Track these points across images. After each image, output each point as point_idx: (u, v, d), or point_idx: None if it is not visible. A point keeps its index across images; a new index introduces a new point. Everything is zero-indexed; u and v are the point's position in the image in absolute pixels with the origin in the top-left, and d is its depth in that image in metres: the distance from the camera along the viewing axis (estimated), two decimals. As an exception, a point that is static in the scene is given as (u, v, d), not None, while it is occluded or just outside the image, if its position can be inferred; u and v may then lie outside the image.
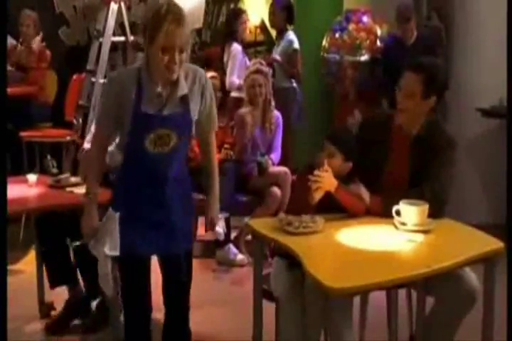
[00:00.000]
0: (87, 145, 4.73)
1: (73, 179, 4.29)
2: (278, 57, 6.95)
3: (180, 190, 3.15)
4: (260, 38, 8.42)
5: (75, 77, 6.84)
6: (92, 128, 4.82)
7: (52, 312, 4.43)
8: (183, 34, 2.90)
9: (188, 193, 3.24)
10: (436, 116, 3.68)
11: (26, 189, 4.18)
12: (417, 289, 3.43)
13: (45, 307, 4.46)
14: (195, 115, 3.08)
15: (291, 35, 6.98)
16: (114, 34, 6.96)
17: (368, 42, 6.91)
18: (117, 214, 3.11)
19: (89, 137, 4.81)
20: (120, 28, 7.17)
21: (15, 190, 3.96)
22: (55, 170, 4.40)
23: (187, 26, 2.92)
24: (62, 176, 4.35)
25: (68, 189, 4.17)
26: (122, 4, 7.04)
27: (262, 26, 8.33)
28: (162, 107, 3.00)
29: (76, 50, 7.32)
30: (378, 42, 6.92)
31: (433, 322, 3.28)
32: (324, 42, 7.17)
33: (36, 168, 5.90)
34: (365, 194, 3.32)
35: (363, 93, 6.93)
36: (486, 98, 6.13)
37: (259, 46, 8.35)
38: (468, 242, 3.07)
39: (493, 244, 2.97)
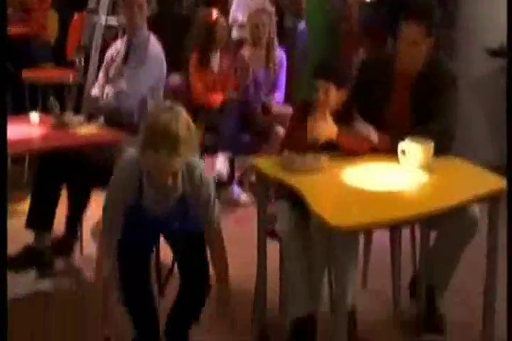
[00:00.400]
0: (94, 90, 4.70)
1: (76, 119, 4.26)
2: None
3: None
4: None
5: (76, 16, 6.75)
6: (100, 75, 4.79)
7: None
8: (174, 163, 2.78)
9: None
10: (439, 53, 3.64)
11: (29, 129, 4.14)
12: (420, 226, 3.44)
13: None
14: (193, 211, 3.01)
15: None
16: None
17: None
18: None
19: (96, 84, 4.76)
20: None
21: (17, 130, 3.92)
22: (58, 111, 4.36)
23: (182, 152, 2.75)
24: (65, 116, 4.31)
25: (71, 129, 4.14)
26: None
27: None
28: (160, 207, 2.98)
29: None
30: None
31: (435, 256, 3.32)
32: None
33: (38, 108, 5.87)
34: (373, 133, 3.29)
35: (369, 29, 6.82)
36: (495, 36, 6.04)
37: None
38: (472, 181, 3.06)
39: (498, 182, 2.96)
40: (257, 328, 3.44)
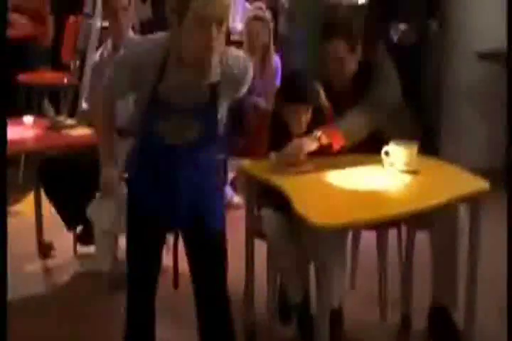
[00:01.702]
0: (85, 105, 4.60)
1: (69, 121, 4.33)
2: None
3: (204, 173, 2.76)
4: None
5: (71, 19, 6.81)
6: (87, 86, 4.68)
7: (51, 252, 4.53)
8: (223, 1, 2.46)
9: (212, 178, 2.83)
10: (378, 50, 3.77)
11: (23, 131, 4.20)
12: (407, 228, 3.49)
13: (43, 248, 4.56)
14: (223, 110, 2.69)
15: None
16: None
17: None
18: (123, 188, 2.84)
19: (86, 95, 4.66)
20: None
21: (11, 132, 3.95)
22: (52, 114, 4.42)
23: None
24: (59, 118, 4.38)
25: (64, 131, 4.20)
26: None
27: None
28: (184, 94, 2.59)
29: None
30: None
31: (435, 267, 3.33)
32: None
33: (34, 111, 5.94)
34: (305, 142, 3.29)
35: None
36: (486, 40, 6.08)
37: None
38: (456, 181, 3.12)
39: (480, 183, 3.01)
40: (246, 328, 3.49)
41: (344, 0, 6.82)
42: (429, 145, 6.21)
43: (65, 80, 6.46)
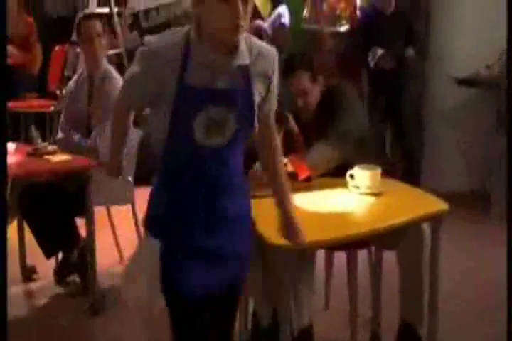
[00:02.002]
0: (60, 134, 4.62)
1: (50, 147, 4.39)
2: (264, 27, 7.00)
3: (239, 203, 2.55)
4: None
5: (57, 48, 6.93)
6: (62, 119, 4.62)
7: (34, 276, 4.61)
8: (246, 15, 2.25)
9: (246, 208, 2.63)
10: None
11: (4, 157, 4.29)
12: (375, 248, 3.58)
13: (26, 271, 4.64)
14: (257, 95, 2.42)
15: (280, 8, 7.03)
16: (98, 4, 6.99)
17: (347, 12, 6.93)
18: (156, 243, 2.44)
19: (61, 125, 4.68)
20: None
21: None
22: (39, 141, 4.49)
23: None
24: (42, 145, 4.45)
25: (45, 157, 4.26)
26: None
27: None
28: (214, 79, 2.33)
29: (58, 21, 7.37)
30: (358, 13, 6.93)
31: (401, 285, 3.39)
32: (305, 13, 7.21)
33: (21, 137, 6.04)
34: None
35: (343, 61, 6.94)
36: (464, 66, 6.19)
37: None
38: (417, 203, 3.21)
39: (440, 204, 3.11)
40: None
41: (326, 28, 6.95)
42: (411, 169, 6.34)
43: (52, 107, 6.57)
